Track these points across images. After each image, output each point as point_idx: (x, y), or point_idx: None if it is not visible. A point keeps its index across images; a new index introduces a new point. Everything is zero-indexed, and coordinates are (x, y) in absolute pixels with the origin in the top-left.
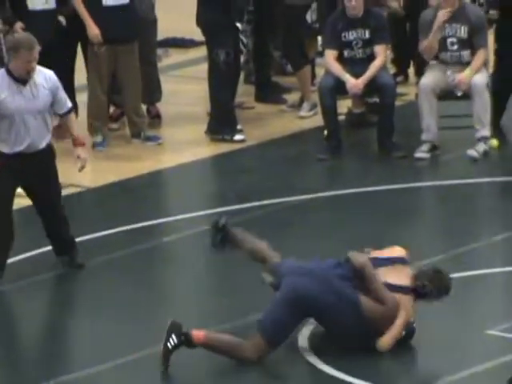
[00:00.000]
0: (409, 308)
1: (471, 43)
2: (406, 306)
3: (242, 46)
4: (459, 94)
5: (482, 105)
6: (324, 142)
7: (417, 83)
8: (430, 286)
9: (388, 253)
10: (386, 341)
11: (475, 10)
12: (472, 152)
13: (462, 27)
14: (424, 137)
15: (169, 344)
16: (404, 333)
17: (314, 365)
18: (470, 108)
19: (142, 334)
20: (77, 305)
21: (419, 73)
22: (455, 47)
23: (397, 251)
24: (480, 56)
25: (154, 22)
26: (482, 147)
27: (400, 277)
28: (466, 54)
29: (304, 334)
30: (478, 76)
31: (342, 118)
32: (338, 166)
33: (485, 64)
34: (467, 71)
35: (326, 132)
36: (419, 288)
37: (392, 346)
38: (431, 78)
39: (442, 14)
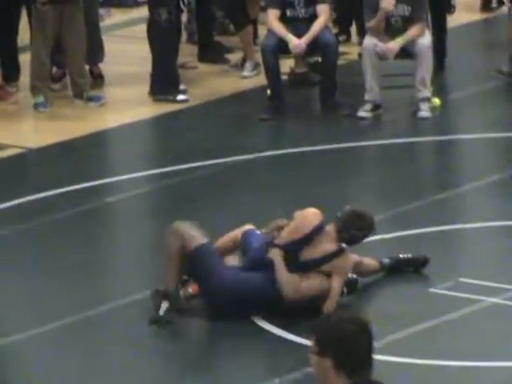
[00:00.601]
0: (344, 269)
1: (412, 19)
2: (342, 268)
3: (183, 6)
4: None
5: (426, 66)
6: (267, 101)
7: (359, 43)
8: (357, 232)
9: (300, 228)
10: (329, 307)
11: None
12: (423, 113)
13: (405, 7)
14: (367, 96)
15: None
16: (345, 290)
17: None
18: (409, 67)
19: (83, 295)
20: (18, 266)
21: (361, 32)
22: (399, 24)
23: (308, 221)
24: (415, 29)
25: None
26: (427, 106)
27: (324, 246)
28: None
29: None
30: (423, 38)
31: (284, 77)
32: (281, 126)
33: (427, 27)
34: (398, 40)
35: (268, 92)
36: (348, 240)
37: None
38: (374, 39)
39: (388, 3)
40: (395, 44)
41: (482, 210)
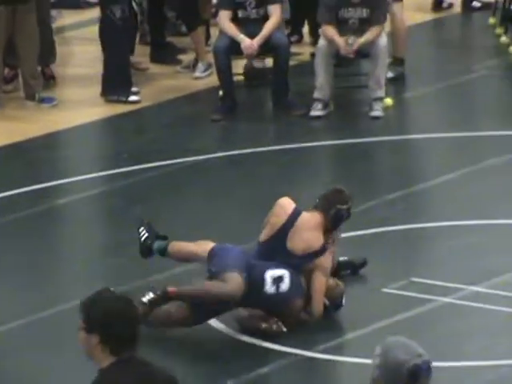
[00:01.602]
0: (327, 267)
1: (370, 20)
2: (324, 267)
3: (136, 6)
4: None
5: (382, 67)
6: (219, 102)
7: (311, 43)
8: (341, 206)
9: (278, 217)
10: (317, 310)
11: None
12: (376, 112)
13: (364, 9)
14: (316, 94)
15: (145, 299)
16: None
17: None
18: (361, 67)
19: (34, 296)
20: None
21: (314, 33)
22: (355, 26)
23: (284, 208)
24: (374, 30)
25: None
26: (379, 106)
27: (308, 236)
28: (365, 29)
29: None
30: (380, 39)
31: (240, 77)
32: (234, 127)
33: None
34: (360, 40)
35: (220, 92)
36: (334, 216)
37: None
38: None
39: (345, 50)
40: (355, 43)
41: (435, 209)
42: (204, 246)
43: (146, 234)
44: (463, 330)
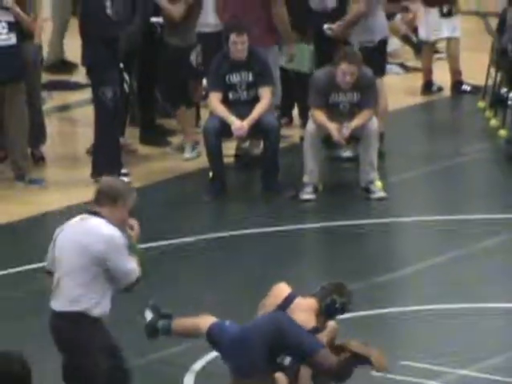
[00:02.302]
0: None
1: (361, 104)
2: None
3: (127, 87)
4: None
5: (374, 149)
6: (209, 183)
7: (301, 125)
8: (337, 298)
9: (274, 299)
10: None
11: (366, 73)
12: (379, 194)
13: (355, 93)
14: (306, 179)
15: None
16: None
17: None
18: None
19: None
20: None
21: (303, 115)
22: (345, 110)
23: (279, 291)
24: (365, 114)
25: (39, 64)
26: (377, 187)
27: (301, 317)
28: (355, 113)
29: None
30: (371, 123)
31: (227, 159)
32: (223, 208)
33: (376, 114)
34: (349, 125)
35: (210, 174)
36: (328, 306)
37: None
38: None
39: (337, 137)
40: (347, 129)
41: (423, 292)
42: (205, 320)
43: (151, 315)
44: None
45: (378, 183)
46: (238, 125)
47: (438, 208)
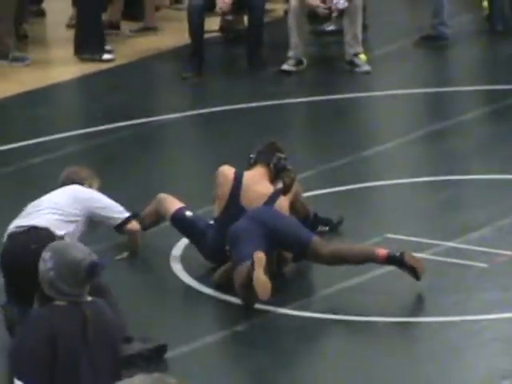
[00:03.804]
0: (286, 209)
1: None
2: (283, 210)
3: None
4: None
5: (358, 23)
6: (187, 60)
7: (285, 0)
8: (280, 154)
9: (223, 186)
10: None
11: None
12: (364, 67)
13: None
14: (291, 53)
15: None
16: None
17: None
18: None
19: None
20: None
21: None
22: None
23: (225, 175)
24: None
25: None
26: (361, 61)
27: (259, 188)
28: None
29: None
30: None
31: (208, 35)
32: (206, 84)
33: None
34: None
35: (191, 50)
36: (277, 166)
37: None
38: None
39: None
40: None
41: (408, 166)
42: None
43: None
44: (438, 285)
45: (363, 56)
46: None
47: (423, 81)
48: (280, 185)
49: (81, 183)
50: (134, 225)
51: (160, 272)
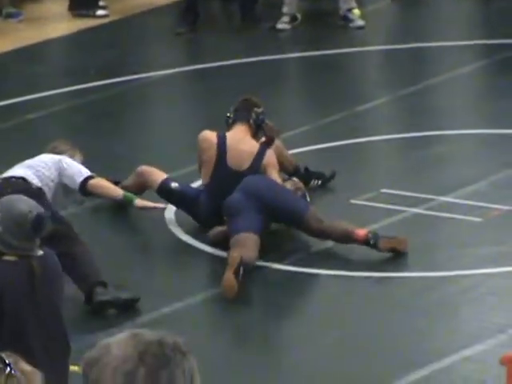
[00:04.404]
0: (275, 162)
1: None
2: (273, 163)
3: None
4: None
5: None
6: (181, 15)
7: None
8: (258, 109)
9: (207, 152)
10: None
11: None
12: (359, 22)
13: None
14: (285, 9)
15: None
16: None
17: (176, 235)
18: None
19: None
20: None
21: None
22: None
23: (207, 142)
24: None
25: None
26: (356, 16)
27: (245, 147)
28: None
29: (170, 208)
30: None
31: None
32: (201, 40)
33: None
34: None
35: (185, 5)
36: (257, 120)
37: None
38: None
39: None
40: None
41: (401, 121)
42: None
43: None
44: (432, 240)
45: (357, 11)
46: None
47: (415, 36)
48: (263, 139)
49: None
50: (98, 180)
51: (155, 231)
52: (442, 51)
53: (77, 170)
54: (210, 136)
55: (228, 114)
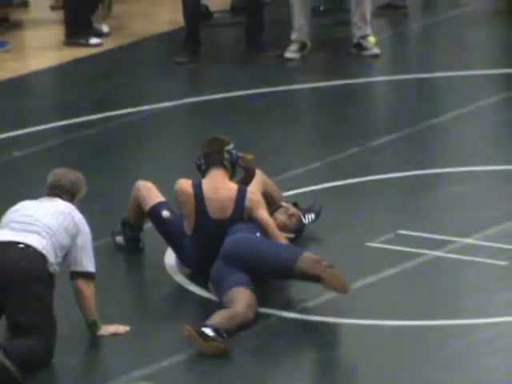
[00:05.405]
0: (260, 200)
1: None
2: (257, 201)
3: None
4: None
5: (367, 3)
6: (182, 44)
7: None
8: (229, 146)
9: (185, 203)
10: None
11: None
12: (373, 51)
13: None
14: (294, 36)
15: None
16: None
17: (180, 284)
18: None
19: None
20: None
21: None
22: None
23: (184, 192)
24: None
25: None
26: (370, 43)
27: (223, 194)
28: None
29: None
30: None
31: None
32: (202, 70)
33: None
34: None
35: (185, 34)
36: (231, 158)
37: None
38: None
39: None
40: None
41: (423, 156)
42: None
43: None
44: (455, 285)
45: (372, 38)
46: None
47: (436, 64)
48: (240, 175)
49: (72, 195)
50: (88, 286)
51: (153, 269)
52: (463, 81)
53: (88, 253)
54: (185, 188)
55: (198, 162)
